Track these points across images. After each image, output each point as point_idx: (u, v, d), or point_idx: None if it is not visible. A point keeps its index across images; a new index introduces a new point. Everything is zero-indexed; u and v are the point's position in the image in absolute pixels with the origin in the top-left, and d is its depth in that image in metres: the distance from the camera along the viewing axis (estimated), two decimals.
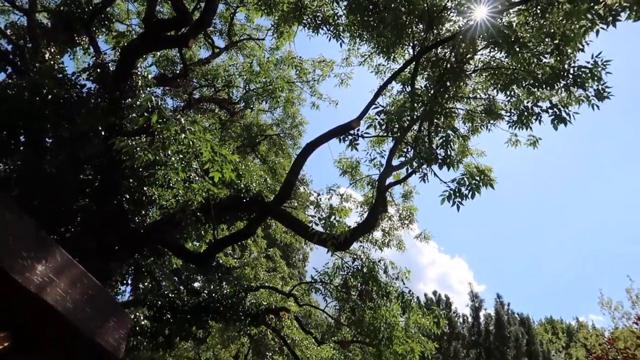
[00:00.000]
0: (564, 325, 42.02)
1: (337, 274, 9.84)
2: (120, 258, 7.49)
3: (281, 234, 12.70)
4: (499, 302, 26.69)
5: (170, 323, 9.14)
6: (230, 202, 8.97)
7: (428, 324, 9.95)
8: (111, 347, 2.18)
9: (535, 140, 9.23)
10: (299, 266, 34.27)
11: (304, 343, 12.55)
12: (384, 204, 9.75)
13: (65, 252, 2.00)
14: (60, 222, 7.03)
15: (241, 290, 11.02)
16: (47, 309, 1.82)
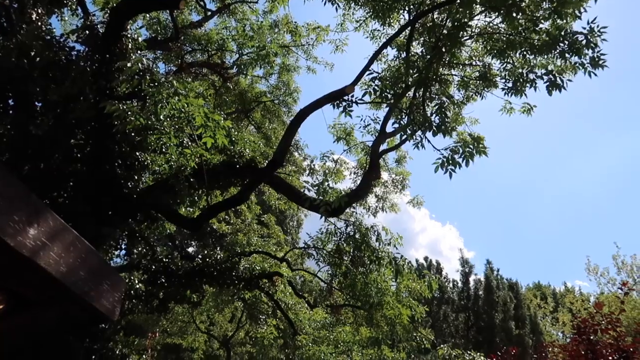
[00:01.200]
0: (552, 291, 43.03)
1: (330, 240, 9.94)
2: (114, 223, 7.49)
3: (275, 200, 12.74)
4: (488, 267, 27.18)
5: (164, 287, 9.25)
6: (224, 168, 8.94)
7: (419, 289, 10.15)
8: (106, 309, 2.20)
9: (530, 108, 9.22)
10: (292, 232, 34.57)
11: (297, 307, 12.79)
12: (377, 170, 9.77)
13: (57, 217, 1.99)
14: (52, 186, 6.99)
15: (235, 255, 11.12)
16: (40, 273, 1.83)
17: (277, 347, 16.27)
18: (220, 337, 18.77)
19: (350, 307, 11.36)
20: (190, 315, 15.94)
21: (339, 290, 10.82)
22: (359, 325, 11.79)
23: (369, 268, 9.55)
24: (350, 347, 12.87)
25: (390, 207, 12.07)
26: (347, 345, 12.84)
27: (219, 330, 18.97)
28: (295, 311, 12.73)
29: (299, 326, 12.88)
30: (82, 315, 2.22)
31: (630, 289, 7.11)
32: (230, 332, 18.35)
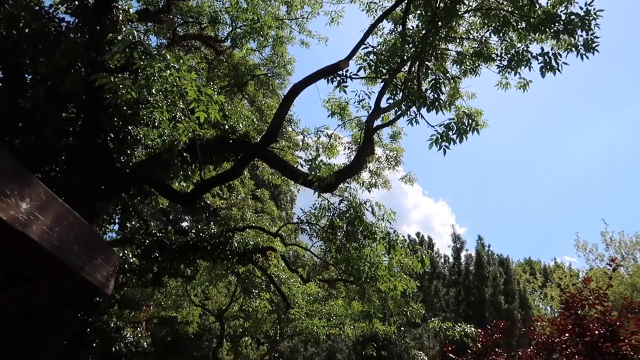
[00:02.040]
0: (542, 267, 43.69)
1: (323, 215, 9.98)
2: (107, 197, 7.47)
3: (269, 175, 12.72)
4: (479, 243, 27.49)
5: (158, 261, 9.29)
6: (217, 143, 8.90)
7: (411, 264, 10.25)
8: (99, 283, 2.21)
9: (526, 84, 9.18)
10: (286, 207, 34.67)
11: (290, 281, 12.92)
12: (371, 146, 9.75)
13: (49, 190, 1.98)
14: (43, 160, 6.94)
15: (229, 230, 11.17)
16: (33, 246, 1.83)
17: (270, 321, 16.49)
18: (214, 311, 18.99)
19: (343, 282, 11.50)
20: (185, 289, 16.07)
21: (332, 265, 10.92)
22: (351, 300, 11.96)
23: (362, 243, 9.62)
24: (342, 321, 13.08)
25: (383, 184, 12.10)
26: (339, 319, 13.04)
27: (214, 304, 19.17)
28: (289, 285, 12.87)
29: (292, 300, 13.04)
30: (76, 289, 2.23)
31: (618, 265, 7.22)
32: (224, 306, 18.55)
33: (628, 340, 6.35)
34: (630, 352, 6.40)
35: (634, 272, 26.04)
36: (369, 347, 14.18)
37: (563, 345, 7.37)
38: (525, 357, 7.99)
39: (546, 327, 8.07)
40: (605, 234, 30.04)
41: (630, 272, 26.68)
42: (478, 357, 8.64)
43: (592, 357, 6.86)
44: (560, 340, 7.41)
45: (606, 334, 6.72)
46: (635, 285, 23.66)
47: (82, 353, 6.85)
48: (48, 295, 2.31)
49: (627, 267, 27.60)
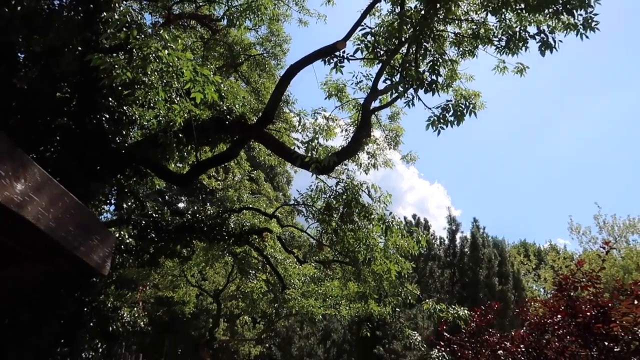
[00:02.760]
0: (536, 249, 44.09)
1: (320, 197, 10.00)
2: (102, 178, 7.45)
3: (265, 157, 12.70)
4: (475, 225, 27.64)
5: (154, 242, 9.32)
6: (213, 124, 8.85)
7: (406, 245, 10.32)
8: (96, 264, 2.22)
9: (523, 68, 9.13)
10: (283, 188, 34.70)
11: (287, 262, 13.00)
12: (368, 128, 9.73)
13: (44, 171, 1.97)
14: (38, 141, 6.89)
15: (225, 211, 11.18)
16: (28, 227, 1.82)
17: (267, 301, 16.64)
18: (211, 292, 19.13)
19: (339, 263, 11.58)
20: (181, 270, 16.17)
21: (328, 247, 10.98)
22: (347, 281, 12.05)
23: (358, 225, 9.66)
24: (338, 301, 13.21)
25: (384, 163, 12.06)
26: (335, 300, 13.17)
27: (210, 285, 19.31)
28: (285, 266, 12.95)
29: (288, 281, 13.14)
30: (73, 270, 2.24)
31: (611, 248, 7.29)
32: (221, 286, 18.69)
33: (619, 321, 6.44)
34: (621, 332, 6.50)
35: (626, 254, 26.32)
36: (364, 327, 14.35)
37: (555, 326, 7.48)
38: (517, 337, 8.10)
39: (539, 309, 8.17)
40: (599, 217, 30.30)
41: (623, 254, 26.97)
42: (472, 337, 8.76)
43: (583, 337, 6.97)
44: (553, 321, 7.51)
45: (598, 315, 6.81)
46: (627, 267, 23.95)
47: (79, 333, 6.91)
48: (44, 276, 2.31)
49: (620, 249, 27.90)
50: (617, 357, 6.78)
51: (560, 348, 7.34)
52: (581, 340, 7.01)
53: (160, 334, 24.33)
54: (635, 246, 28.02)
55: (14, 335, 5.36)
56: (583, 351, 7.07)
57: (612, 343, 6.70)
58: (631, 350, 6.56)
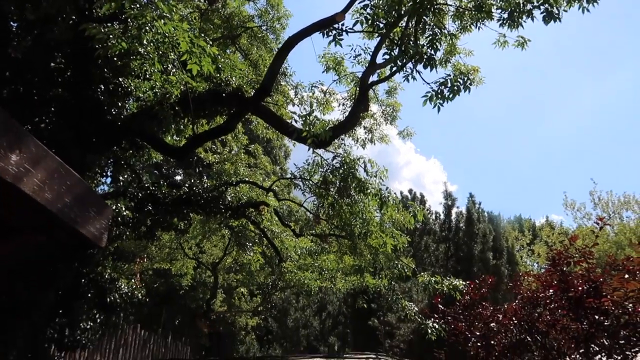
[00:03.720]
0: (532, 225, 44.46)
1: (317, 171, 9.99)
2: (98, 150, 7.42)
3: (263, 130, 12.63)
4: (470, 200, 27.76)
5: (151, 214, 9.33)
6: (209, 97, 8.77)
7: (402, 220, 10.38)
8: (93, 236, 2.22)
9: (524, 42, 9.03)
10: (280, 162, 34.67)
11: (283, 235, 13.08)
12: (365, 102, 9.66)
13: (39, 143, 1.95)
14: (33, 112, 6.83)
15: (222, 184, 11.18)
16: (25, 199, 1.82)
17: (263, 274, 16.81)
18: (208, 264, 19.28)
19: (335, 237, 11.65)
20: (179, 242, 16.25)
21: (325, 220, 11.03)
22: (343, 254, 12.15)
23: (355, 199, 9.70)
24: (334, 274, 13.36)
25: (381, 139, 12.02)
26: (331, 273, 13.31)
27: (208, 258, 19.45)
28: (282, 239, 13.04)
29: (284, 254, 13.24)
30: (69, 242, 2.24)
31: (605, 224, 7.35)
32: (218, 259, 18.83)
33: (610, 296, 6.54)
34: (612, 307, 6.61)
35: (619, 230, 26.59)
36: (360, 299, 14.55)
37: (547, 300, 7.60)
38: (510, 310, 8.23)
39: (532, 283, 8.28)
40: (594, 193, 30.50)
41: (616, 230, 27.24)
42: (465, 310, 8.90)
43: (574, 311, 7.08)
44: (545, 295, 7.62)
45: (589, 289, 6.91)
46: (619, 243, 24.23)
47: (76, 304, 6.98)
48: (40, 247, 2.32)
49: (613, 225, 28.17)
50: (607, 330, 6.92)
51: (551, 321, 7.47)
52: (572, 313, 7.13)
53: (158, 305, 24.63)
54: (629, 222, 28.29)
55: (9, 307, 5.41)
56: (574, 324, 7.20)
57: (603, 317, 6.82)
58: (621, 324, 6.69)
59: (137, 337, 17.29)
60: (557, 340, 7.78)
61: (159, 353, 18.37)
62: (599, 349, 7.25)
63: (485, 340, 8.30)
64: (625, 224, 27.97)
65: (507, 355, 8.20)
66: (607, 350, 7.11)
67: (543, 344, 7.80)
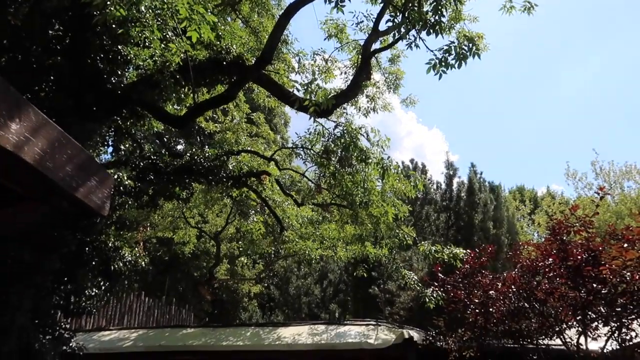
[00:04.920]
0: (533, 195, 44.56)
1: (318, 140, 9.97)
2: (99, 119, 7.38)
3: (264, 99, 12.53)
4: (472, 170, 27.75)
5: (153, 183, 9.35)
6: (210, 65, 8.67)
7: (403, 189, 10.40)
8: (95, 205, 2.23)
9: (530, 6, 8.84)
10: (281, 131, 34.54)
11: (285, 204, 13.14)
12: (367, 70, 9.55)
13: (39, 112, 1.94)
14: (32, 81, 6.76)
15: (223, 153, 11.16)
16: (25, 167, 1.82)
17: (265, 242, 16.96)
18: (211, 233, 19.45)
19: (337, 206, 11.70)
20: (181, 212, 16.34)
21: (326, 190, 11.07)
22: (344, 223, 12.23)
23: (356, 169, 9.70)
24: (335, 243, 13.47)
25: (384, 107, 11.91)
26: (332, 242, 13.42)
27: (211, 227, 19.60)
28: (283, 208, 13.10)
29: (286, 223, 13.33)
30: (72, 210, 2.25)
31: (606, 194, 7.35)
32: (220, 228, 18.97)
33: (609, 264, 6.61)
34: (610, 275, 6.69)
35: (620, 200, 26.65)
36: (360, 268, 14.71)
37: (546, 269, 7.69)
38: (509, 279, 8.34)
39: (532, 252, 8.36)
40: (596, 163, 30.45)
41: (617, 200, 27.31)
42: (465, 278, 9.02)
43: (573, 280, 7.18)
44: (544, 264, 7.71)
45: (588, 258, 6.99)
46: (619, 213, 24.31)
47: (81, 271, 7.08)
48: (43, 216, 2.33)
49: (614, 195, 28.21)
50: (604, 299, 7.02)
51: (549, 289, 7.58)
52: (571, 282, 7.23)
53: (161, 273, 24.98)
54: (630, 192, 28.33)
55: (16, 274, 5.49)
56: (572, 293, 7.31)
57: (601, 285, 6.92)
58: (618, 292, 6.79)
59: (142, 304, 17.60)
60: (555, 307, 7.91)
61: (163, 319, 18.73)
62: (596, 316, 7.38)
63: (484, 308, 8.44)
64: (626, 194, 28.01)
65: (505, 322, 8.36)
66: (604, 317, 7.24)
67: (541, 312, 7.93)
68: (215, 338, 11.63)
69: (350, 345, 10.27)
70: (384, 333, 10.41)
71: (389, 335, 10.23)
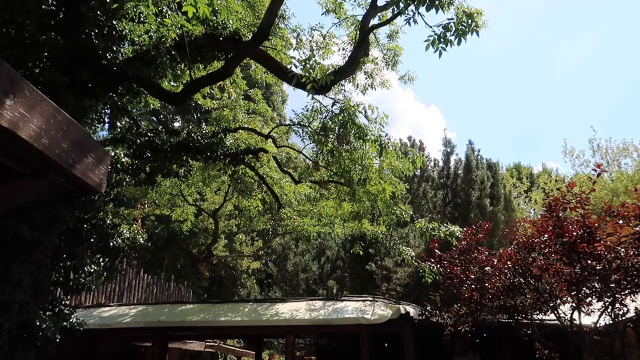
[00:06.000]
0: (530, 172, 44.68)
1: (316, 118, 9.92)
2: (95, 95, 7.31)
3: (262, 75, 12.41)
4: (469, 147, 27.70)
5: (150, 161, 9.33)
6: (206, 41, 8.56)
7: (401, 167, 10.41)
8: (93, 182, 2.23)
9: None
10: (278, 108, 34.35)
11: (282, 182, 13.16)
12: (366, 46, 9.46)
13: (34, 88, 1.92)
14: (26, 56, 6.67)
15: (220, 131, 11.11)
16: (22, 145, 1.81)
17: (263, 220, 17.03)
18: (209, 211, 19.50)
19: (334, 184, 11.72)
20: (179, 189, 16.36)
21: (324, 167, 11.06)
22: (341, 201, 12.27)
23: (354, 146, 9.68)
24: (332, 221, 13.54)
25: (382, 84, 11.80)
26: (329, 219, 13.49)
27: (208, 204, 19.65)
28: (281, 185, 13.12)
29: (284, 200, 13.37)
30: (70, 188, 2.25)
31: (603, 171, 7.36)
32: (218, 205, 19.02)
33: (604, 241, 6.67)
34: (605, 251, 6.76)
35: (617, 177, 26.73)
36: (357, 245, 14.82)
37: (542, 245, 7.75)
38: (505, 255, 8.42)
39: (528, 229, 8.42)
40: (593, 140, 30.47)
41: (613, 177, 27.39)
42: (461, 254, 9.10)
43: (568, 256, 7.25)
44: (540, 240, 7.77)
45: (584, 235, 7.04)
46: (616, 190, 24.40)
47: (79, 248, 7.11)
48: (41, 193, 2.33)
49: (611, 172, 28.30)
50: (598, 274, 7.10)
51: (545, 265, 7.66)
52: (566, 258, 7.30)
53: (160, 250, 25.14)
54: (627, 170, 28.40)
55: (15, 250, 5.51)
56: (567, 269, 7.39)
57: (595, 261, 6.99)
58: (612, 268, 6.86)
59: (141, 280, 17.75)
60: (550, 283, 8.01)
61: (162, 296, 18.92)
62: (590, 292, 7.48)
63: (480, 284, 8.54)
64: (623, 171, 28.08)
65: (500, 297, 8.47)
66: (598, 293, 7.33)
67: (536, 287, 8.04)
68: (213, 314, 11.77)
69: (347, 320, 10.42)
70: (380, 309, 10.55)
71: (386, 310, 10.37)
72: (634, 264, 6.51)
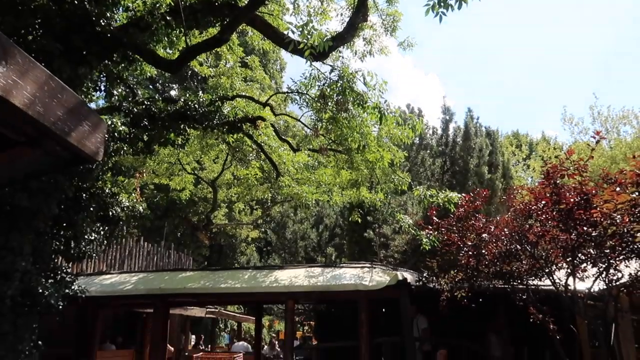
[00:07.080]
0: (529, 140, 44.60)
1: (314, 85, 9.82)
2: (89, 63, 7.20)
3: (259, 41, 12.20)
4: (468, 115, 27.55)
5: (148, 129, 9.27)
6: (202, 6, 8.38)
7: (400, 135, 10.37)
8: (89, 150, 2.21)
9: None
10: (275, 76, 33.97)
11: (281, 150, 13.12)
12: (364, 12, 9.28)
13: (26, 54, 1.89)
14: (18, 23, 6.54)
15: (217, 99, 11.01)
16: (14, 111, 1.79)
17: (262, 189, 17.06)
18: (208, 180, 19.50)
19: (332, 151, 11.70)
20: (177, 158, 16.30)
21: (322, 135, 11.02)
22: (340, 169, 12.27)
23: (352, 113, 9.61)
24: (330, 188, 13.58)
25: (380, 50, 11.59)
26: (328, 187, 13.52)
27: (207, 173, 19.62)
28: (279, 154, 13.09)
29: (282, 168, 13.36)
30: (66, 156, 2.24)
31: (602, 138, 7.34)
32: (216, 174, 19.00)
33: (600, 208, 6.70)
34: (601, 218, 6.80)
35: (615, 145, 26.73)
36: (356, 213, 14.91)
37: (539, 212, 7.80)
38: (502, 222, 8.49)
39: (525, 196, 8.45)
40: (594, 108, 30.31)
41: (612, 145, 27.39)
42: (459, 222, 9.16)
43: (564, 222, 7.30)
44: (537, 207, 7.81)
45: (580, 202, 7.07)
46: (614, 158, 24.44)
47: (79, 217, 7.14)
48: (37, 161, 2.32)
49: (610, 140, 28.28)
50: (594, 241, 7.18)
51: (541, 232, 7.73)
52: (562, 225, 7.36)
53: (160, 219, 25.29)
54: (625, 137, 28.37)
55: (15, 219, 5.53)
56: (563, 235, 7.46)
57: (591, 228, 7.05)
58: (608, 235, 6.93)
59: (141, 249, 17.93)
60: (546, 250, 8.10)
61: (162, 264, 19.14)
62: (585, 258, 7.57)
63: (477, 250, 8.63)
64: (622, 139, 28.05)
65: (497, 263, 8.58)
66: (593, 259, 7.43)
67: (532, 254, 8.13)
68: (213, 281, 11.92)
69: (345, 286, 10.57)
70: (378, 275, 10.70)
71: (384, 277, 10.51)
72: (630, 230, 6.57)
